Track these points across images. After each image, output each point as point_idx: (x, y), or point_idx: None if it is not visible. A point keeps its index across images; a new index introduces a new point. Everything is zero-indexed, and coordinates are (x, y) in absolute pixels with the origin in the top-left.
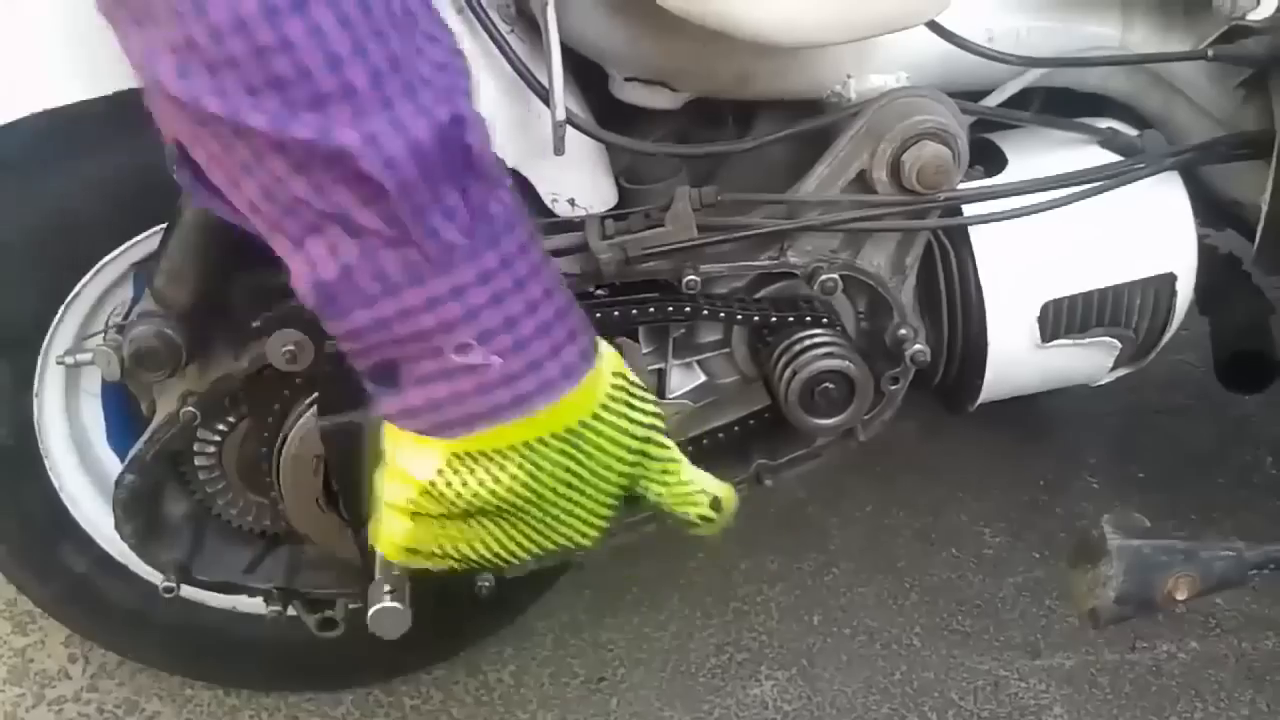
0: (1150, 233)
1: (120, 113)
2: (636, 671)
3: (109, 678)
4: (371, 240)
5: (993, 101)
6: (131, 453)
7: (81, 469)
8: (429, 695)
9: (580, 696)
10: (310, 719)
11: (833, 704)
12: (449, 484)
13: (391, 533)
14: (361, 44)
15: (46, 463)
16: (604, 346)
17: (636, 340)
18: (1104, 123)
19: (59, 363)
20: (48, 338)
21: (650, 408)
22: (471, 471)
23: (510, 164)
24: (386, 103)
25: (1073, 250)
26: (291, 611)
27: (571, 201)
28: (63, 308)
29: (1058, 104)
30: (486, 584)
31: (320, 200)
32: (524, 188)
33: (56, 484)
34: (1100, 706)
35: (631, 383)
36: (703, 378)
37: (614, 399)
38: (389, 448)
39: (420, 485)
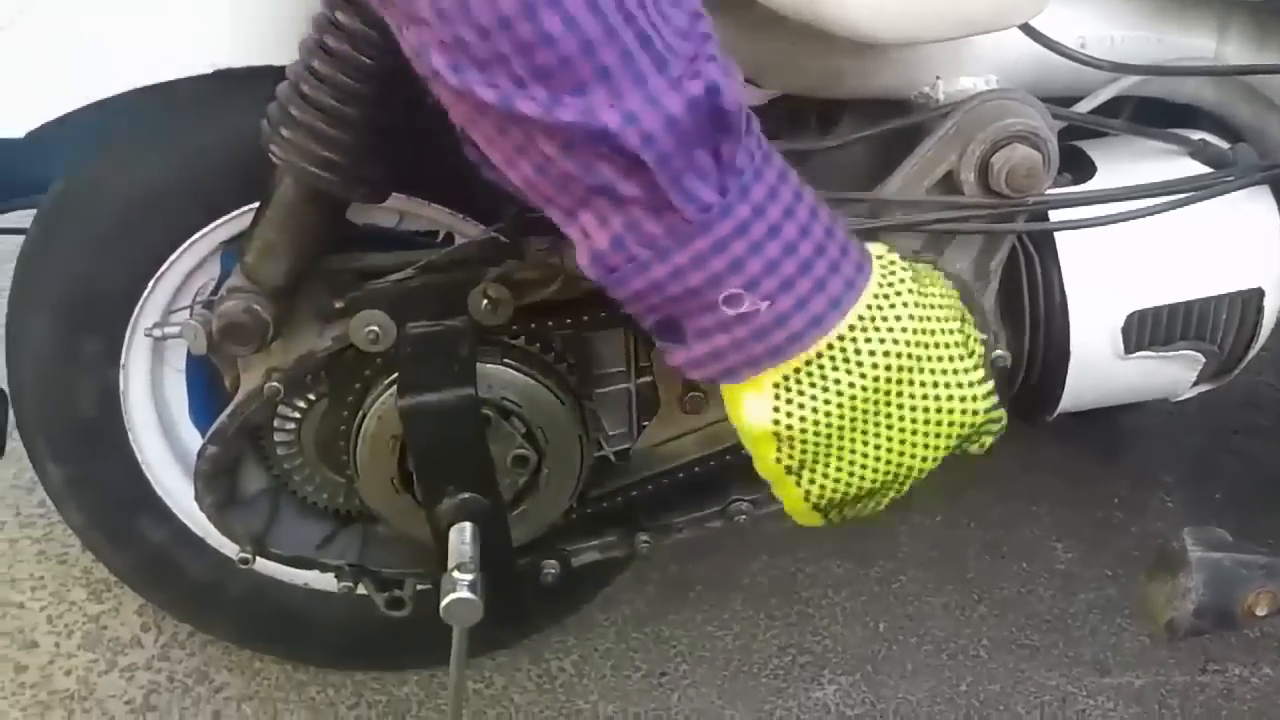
0: (1239, 246)
1: (214, 91)
2: (698, 668)
3: (180, 648)
4: (635, 209)
5: (1083, 108)
6: (214, 425)
7: (163, 442)
8: (491, 680)
9: (641, 690)
10: (375, 696)
11: (896, 711)
12: (789, 415)
13: (791, 501)
14: (611, 28)
15: (129, 435)
16: (873, 249)
17: None
18: (1195, 134)
19: (147, 335)
20: (136, 311)
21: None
22: (800, 393)
23: None
24: (639, 79)
25: (1160, 261)
26: (361, 589)
27: None
28: (152, 282)
29: (1148, 113)
30: (552, 570)
31: (588, 175)
32: None
33: (138, 455)
34: None
35: (901, 264)
36: None
37: (887, 281)
38: (736, 426)
39: (768, 434)
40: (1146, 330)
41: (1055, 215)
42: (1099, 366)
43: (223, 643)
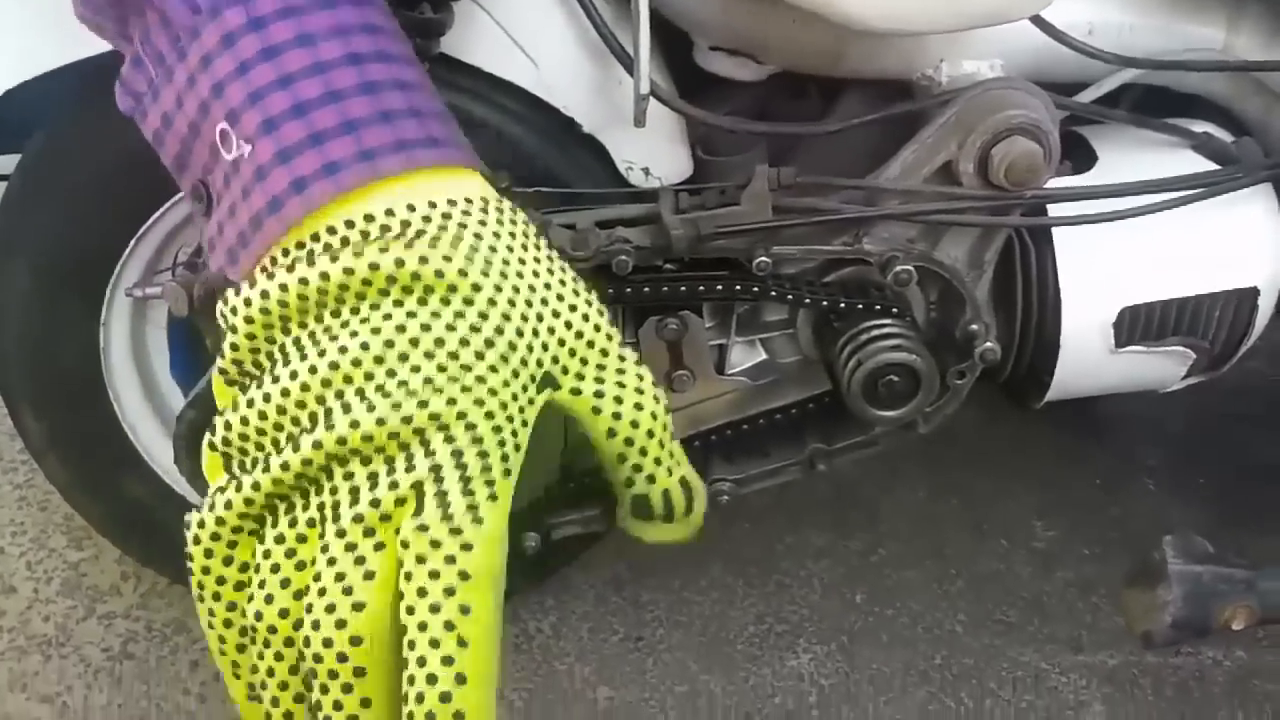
0: (1237, 244)
1: None
2: (675, 634)
3: (159, 597)
4: (152, 18)
5: (1087, 97)
6: (195, 389)
7: (144, 399)
8: None
9: (618, 654)
10: None
11: (870, 682)
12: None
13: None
14: None
15: (110, 391)
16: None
17: (700, 314)
18: (1199, 125)
19: (128, 294)
20: (117, 269)
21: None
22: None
23: (587, 129)
24: None
25: (1156, 257)
26: None
27: (646, 171)
28: (133, 241)
29: (1152, 100)
30: (533, 543)
31: None
32: (599, 154)
33: (119, 412)
34: (1140, 708)
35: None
36: (764, 355)
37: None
38: None
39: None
40: (1139, 326)
41: (1054, 209)
42: (1089, 359)
43: None
